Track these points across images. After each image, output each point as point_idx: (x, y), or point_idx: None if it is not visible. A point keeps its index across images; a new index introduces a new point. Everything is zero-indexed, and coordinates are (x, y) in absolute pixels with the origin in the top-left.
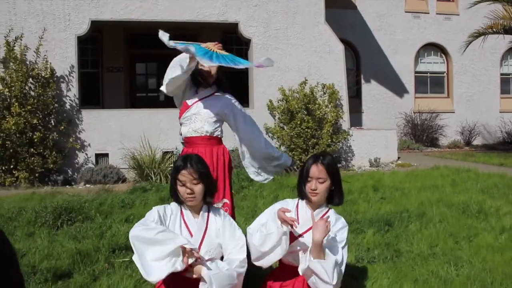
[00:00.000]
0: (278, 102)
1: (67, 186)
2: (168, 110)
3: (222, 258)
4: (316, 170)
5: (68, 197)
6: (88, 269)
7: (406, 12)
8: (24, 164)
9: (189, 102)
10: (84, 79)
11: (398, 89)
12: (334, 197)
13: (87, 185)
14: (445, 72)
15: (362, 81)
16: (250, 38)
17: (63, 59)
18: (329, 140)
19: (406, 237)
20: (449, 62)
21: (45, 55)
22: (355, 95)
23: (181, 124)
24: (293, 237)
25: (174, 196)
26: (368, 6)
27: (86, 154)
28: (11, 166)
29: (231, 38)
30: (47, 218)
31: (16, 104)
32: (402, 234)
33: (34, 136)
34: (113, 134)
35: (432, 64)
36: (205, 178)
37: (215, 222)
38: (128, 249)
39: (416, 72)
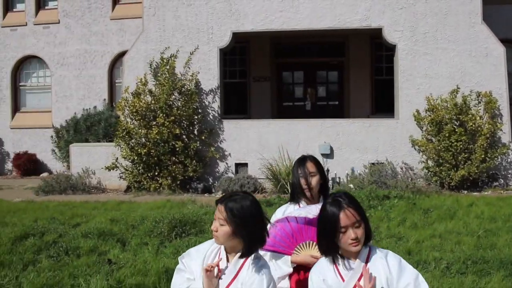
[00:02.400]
0: (426, 112)
1: (206, 194)
2: (307, 121)
3: None
4: (346, 217)
5: (193, 208)
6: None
7: None
8: (167, 172)
9: None
10: (232, 89)
11: None
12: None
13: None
14: None
15: None
16: (395, 43)
17: (206, 71)
18: (483, 155)
19: None
20: None
21: (189, 67)
22: None
23: None
24: None
25: None
26: None
27: (227, 164)
28: (156, 173)
29: (380, 44)
30: (163, 229)
31: (161, 115)
32: None
33: (177, 145)
34: (253, 144)
35: None
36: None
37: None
38: None
39: None
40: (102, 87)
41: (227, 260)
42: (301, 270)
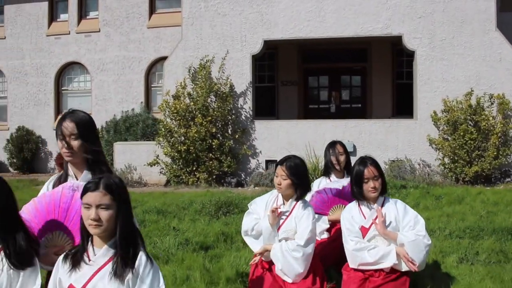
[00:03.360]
0: (442, 113)
1: (239, 188)
2: (332, 121)
3: None
4: (368, 172)
5: (233, 195)
6: (226, 245)
7: None
8: (204, 167)
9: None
10: (261, 92)
11: None
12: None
13: (256, 188)
14: None
15: None
16: (414, 49)
17: (240, 75)
18: (496, 153)
19: None
20: None
21: (224, 72)
22: None
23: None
24: (364, 230)
25: None
26: None
27: (258, 160)
28: (194, 168)
29: (401, 50)
30: (210, 209)
31: (199, 115)
32: None
33: (213, 143)
34: (282, 143)
35: None
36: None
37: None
38: None
39: None
40: (139, 91)
41: (283, 204)
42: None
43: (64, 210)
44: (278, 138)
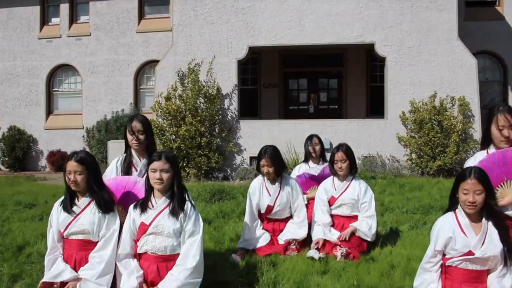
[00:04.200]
0: (410, 114)
1: (225, 181)
2: (311, 121)
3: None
4: (339, 155)
5: (224, 185)
6: (225, 220)
7: None
8: (194, 163)
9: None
10: (245, 94)
11: None
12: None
13: (241, 181)
14: None
15: (510, 92)
16: (385, 56)
17: (226, 79)
18: (456, 148)
19: None
20: None
21: (211, 76)
22: None
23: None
24: (333, 199)
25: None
26: None
27: (242, 157)
28: (184, 164)
29: (374, 55)
30: (205, 196)
31: (189, 115)
32: None
33: (202, 141)
34: (264, 141)
35: None
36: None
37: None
38: None
39: None
40: (128, 92)
41: (272, 184)
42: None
43: (126, 192)
44: (261, 136)
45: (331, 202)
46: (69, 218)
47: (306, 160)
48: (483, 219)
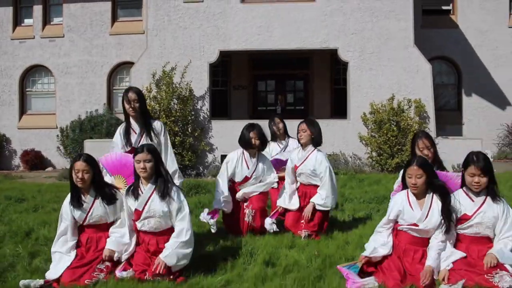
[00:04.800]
0: (370, 115)
1: (198, 178)
2: None
3: None
4: (302, 128)
5: (199, 181)
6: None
7: (509, 27)
8: None
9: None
10: (216, 95)
11: (500, 101)
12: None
13: (213, 178)
14: None
15: (463, 94)
16: (348, 61)
17: (198, 81)
18: None
19: None
20: None
21: (184, 78)
22: (456, 108)
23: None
24: (296, 168)
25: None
26: (470, 24)
27: (214, 155)
28: None
29: (338, 59)
30: (185, 190)
31: (164, 116)
32: None
33: (176, 140)
34: (235, 140)
35: None
36: None
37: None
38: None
39: None
40: (101, 93)
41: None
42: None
43: (125, 165)
44: (231, 135)
45: (295, 170)
46: (83, 213)
47: (273, 139)
48: (427, 196)
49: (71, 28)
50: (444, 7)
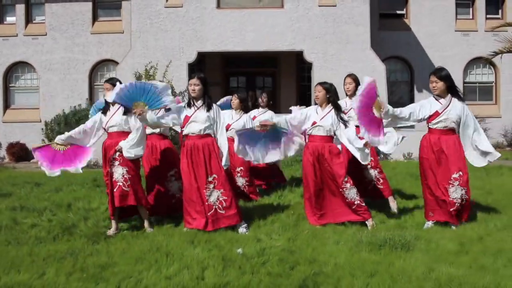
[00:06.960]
0: None
1: None
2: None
3: None
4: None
5: None
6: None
7: (456, 31)
8: None
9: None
10: None
11: None
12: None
13: None
14: (493, 82)
15: (415, 91)
16: (312, 62)
17: (178, 79)
18: None
19: None
20: (497, 73)
21: (166, 77)
22: (409, 103)
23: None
24: None
25: None
26: (421, 27)
27: None
28: None
29: (303, 59)
30: None
31: None
32: None
33: None
34: None
35: (481, 75)
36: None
37: None
38: None
39: (465, 83)
40: (83, 89)
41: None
42: None
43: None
44: None
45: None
46: (107, 118)
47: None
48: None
49: (53, 26)
50: (398, 11)
